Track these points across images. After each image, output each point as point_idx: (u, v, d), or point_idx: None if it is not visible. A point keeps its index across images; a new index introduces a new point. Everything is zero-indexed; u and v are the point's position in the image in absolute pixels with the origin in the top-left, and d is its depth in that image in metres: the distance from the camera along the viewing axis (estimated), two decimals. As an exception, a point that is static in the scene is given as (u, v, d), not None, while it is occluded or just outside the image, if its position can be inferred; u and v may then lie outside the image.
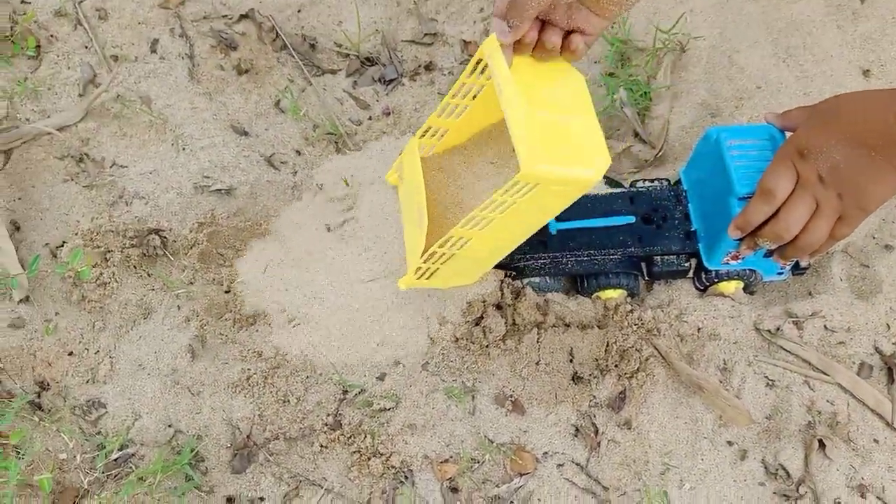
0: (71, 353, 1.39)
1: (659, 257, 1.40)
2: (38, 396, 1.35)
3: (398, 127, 1.63)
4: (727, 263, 1.37)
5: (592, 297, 1.43)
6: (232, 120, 1.61)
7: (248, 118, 1.62)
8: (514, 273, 1.40)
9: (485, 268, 1.36)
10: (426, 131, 1.32)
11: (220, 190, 1.54)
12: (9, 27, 1.63)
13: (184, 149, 1.58)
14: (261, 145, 1.60)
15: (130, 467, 1.31)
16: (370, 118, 1.64)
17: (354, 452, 1.33)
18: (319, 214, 1.50)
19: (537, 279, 1.40)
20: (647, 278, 1.44)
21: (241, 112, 1.62)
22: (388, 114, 1.64)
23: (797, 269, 1.43)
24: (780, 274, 1.42)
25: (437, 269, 1.29)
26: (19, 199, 1.53)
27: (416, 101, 1.66)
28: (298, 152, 1.60)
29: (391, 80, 1.68)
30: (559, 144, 1.10)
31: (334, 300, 1.40)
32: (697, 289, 1.46)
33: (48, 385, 1.37)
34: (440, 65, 1.70)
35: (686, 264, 1.41)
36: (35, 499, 1.28)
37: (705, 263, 1.39)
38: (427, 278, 1.30)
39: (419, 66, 1.69)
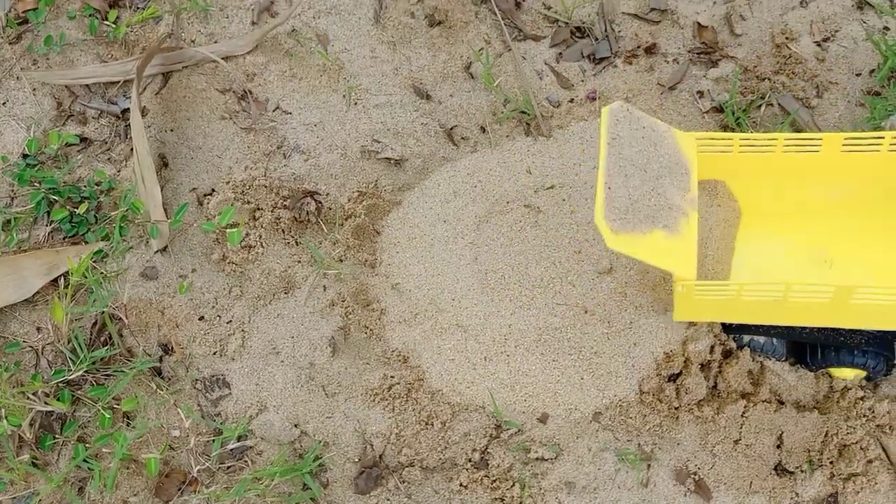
0: (202, 318, 1.23)
1: None
2: (160, 360, 1.21)
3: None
4: None
5: (820, 371, 1.15)
6: (414, 78, 1.39)
7: (433, 79, 1.40)
8: (732, 325, 1.14)
9: None
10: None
11: (389, 159, 1.34)
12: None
13: (356, 103, 1.38)
14: (442, 113, 1.37)
15: (246, 462, 1.16)
16: (571, 101, 1.39)
17: (497, 500, 1.12)
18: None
19: (762, 339, 1.13)
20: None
21: (426, 71, 1.40)
22: (594, 99, 1.38)
23: None
24: None
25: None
26: (171, 130, 1.37)
27: (628, 88, 1.39)
28: (483, 129, 1.37)
29: (602, 59, 1.41)
30: None
31: (495, 314, 1.19)
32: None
33: (172, 349, 1.22)
34: (664, 49, 1.42)
35: None
36: (138, 477, 1.15)
37: None
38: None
39: (639, 46, 1.42)
